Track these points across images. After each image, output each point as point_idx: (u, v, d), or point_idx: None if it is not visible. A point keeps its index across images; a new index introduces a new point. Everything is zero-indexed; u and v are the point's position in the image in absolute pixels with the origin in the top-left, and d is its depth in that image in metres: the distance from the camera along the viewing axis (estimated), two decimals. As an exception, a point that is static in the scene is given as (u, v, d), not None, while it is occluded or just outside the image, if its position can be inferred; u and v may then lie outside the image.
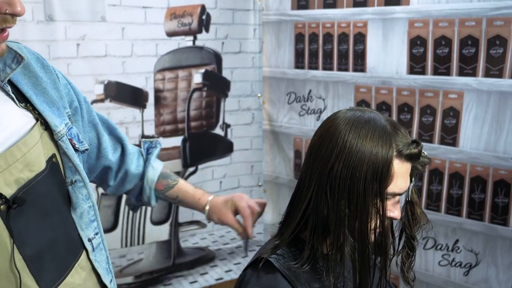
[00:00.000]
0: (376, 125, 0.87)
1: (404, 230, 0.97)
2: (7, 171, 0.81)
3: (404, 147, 0.87)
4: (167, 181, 1.32)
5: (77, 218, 0.97)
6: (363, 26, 2.06)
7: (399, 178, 0.87)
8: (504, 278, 1.86)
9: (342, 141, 0.87)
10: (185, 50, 2.19)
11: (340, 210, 0.86)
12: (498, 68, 1.76)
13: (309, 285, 0.90)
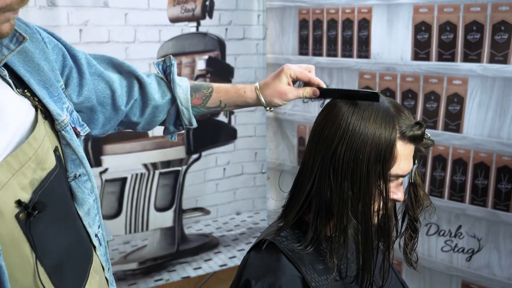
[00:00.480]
0: (379, 107, 0.87)
1: (407, 212, 0.97)
2: (20, 173, 0.71)
3: (407, 128, 0.87)
4: (201, 92, 1.13)
5: (85, 215, 0.88)
6: (368, 12, 2.05)
7: (402, 160, 0.87)
8: (506, 263, 1.87)
9: (345, 123, 0.87)
10: (188, 37, 2.19)
11: (343, 192, 0.86)
12: (503, 54, 1.75)
13: (313, 267, 0.90)
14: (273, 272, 0.89)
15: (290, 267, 0.90)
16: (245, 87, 1.13)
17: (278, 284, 0.88)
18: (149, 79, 1.11)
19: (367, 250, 0.88)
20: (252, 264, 0.93)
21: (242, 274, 0.94)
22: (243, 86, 1.14)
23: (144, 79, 1.09)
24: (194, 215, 2.42)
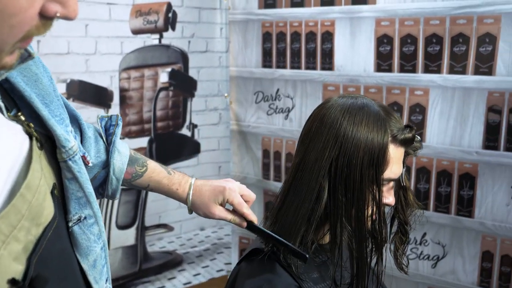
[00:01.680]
0: (370, 110, 0.88)
1: (398, 215, 0.98)
2: (12, 239, 0.55)
3: (399, 132, 0.87)
4: (133, 168, 1.01)
5: (90, 268, 0.72)
6: (331, 25, 2.08)
7: (394, 163, 0.87)
8: (470, 268, 1.92)
9: (337, 128, 0.86)
10: (151, 49, 2.15)
11: (337, 198, 0.85)
12: (462, 65, 1.82)
13: (308, 275, 0.89)
14: (269, 281, 0.86)
15: (286, 275, 0.88)
16: (180, 184, 1.02)
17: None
18: (88, 132, 0.93)
19: (362, 256, 0.87)
20: (246, 274, 0.90)
21: (234, 285, 0.91)
22: (178, 182, 1.03)
23: (85, 129, 0.92)
24: (157, 232, 2.35)
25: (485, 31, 1.76)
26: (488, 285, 1.89)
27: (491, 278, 1.88)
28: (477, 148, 1.83)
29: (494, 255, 1.87)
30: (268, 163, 2.37)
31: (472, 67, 1.80)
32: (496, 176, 1.81)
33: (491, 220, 1.84)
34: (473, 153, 1.84)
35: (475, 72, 1.79)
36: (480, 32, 1.76)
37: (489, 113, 1.80)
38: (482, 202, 1.85)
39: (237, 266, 0.95)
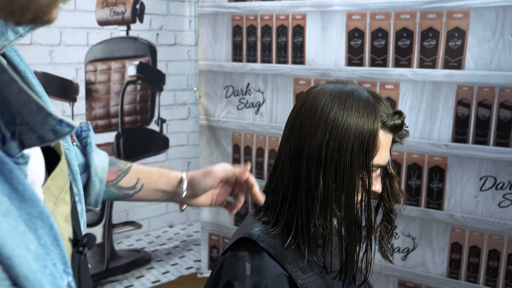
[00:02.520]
0: (359, 96, 0.86)
1: (384, 204, 0.97)
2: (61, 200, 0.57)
3: (388, 118, 0.86)
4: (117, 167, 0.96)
5: None
6: (302, 19, 2.07)
7: (383, 149, 0.86)
8: (439, 260, 1.95)
9: (326, 113, 0.84)
10: (118, 41, 2.08)
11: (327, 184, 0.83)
12: (431, 59, 1.85)
13: (296, 264, 0.86)
14: (258, 271, 0.84)
15: (275, 264, 0.85)
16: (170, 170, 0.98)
17: (264, 284, 0.82)
18: None
19: (351, 243, 0.86)
20: (232, 264, 0.87)
21: (220, 277, 0.88)
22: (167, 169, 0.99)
23: None
24: (124, 229, 2.29)
25: (455, 25, 1.78)
26: (457, 276, 1.92)
27: (459, 269, 1.92)
28: (446, 141, 1.86)
29: (462, 246, 1.90)
30: (238, 158, 2.34)
31: (441, 61, 1.83)
32: (465, 168, 1.85)
33: (460, 212, 1.88)
34: (443, 146, 1.87)
35: (444, 66, 1.82)
36: (450, 26, 1.79)
37: (458, 107, 1.83)
38: (451, 194, 1.88)
39: (222, 256, 0.92)
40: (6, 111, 0.45)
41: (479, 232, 1.87)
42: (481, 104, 1.79)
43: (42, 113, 0.45)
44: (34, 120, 0.45)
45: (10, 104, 0.45)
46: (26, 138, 0.46)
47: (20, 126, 0.46)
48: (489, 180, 1.81)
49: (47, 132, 0.46)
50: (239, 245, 0.89)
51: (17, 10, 0.45)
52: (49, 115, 0.46)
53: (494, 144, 1.78)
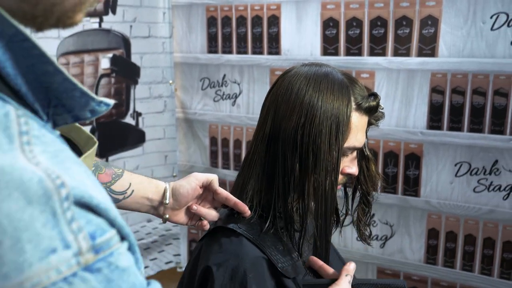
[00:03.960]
0: (334, 78, 0.86)
1: (360, 186, 0.97)
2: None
3: (363, 100, 0.86)
4: (111, 169, 0.96)
5: None
6: (277, 9, 2.07)
7: (359, 131, 0.86)
8: (417, 246, 1.97)
9: (301, 96, 0.84)
10: (90, 33, 2.05)
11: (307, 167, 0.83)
12: (406, 47, 1.86)
13: (275, 247, 0.86)
14: (236, 255, 0.83)
15: (253, 248, 0.84)
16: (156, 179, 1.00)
17: (242, 267, 0.82)
18: None
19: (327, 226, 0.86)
20: (210, 250, 0.86)
21: (198, 263, 0.87)
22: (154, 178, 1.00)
23: None
24: (102, 225, 2.25)
25: (428, 13, 1.80)
26: (434, 261, 1.95)
27: (436, 254, 1.94)
28: (421, 129, 1.88)
29: (439, 232, 1.93)
30: (216, 150, 2.33)
31: (415, 49, 1.84)
32: (440, 155, 1.87)
33: (436, 198, 1.90)
34: (418, 134, 1.89)
35: (418, 54, 1.84)
36: (423, 14, 1.80)
37: (432, 94, 1.84)
38: (427, 181, 1.91)
39: (199, 242, 0.91)
40: (41, 95, 0.46)
41: (455, 218, 1.89)
42: (455, 91, 1.81)
43: (84, 97, 0.47)
44: (74, 104, 0.48)
45: (48, 89, 0.46)
46: (60, 118, 0.48)
47: (55, 108, 0.48)
48: (463, 166, 1.84)
49: (85, 113, 0.48)
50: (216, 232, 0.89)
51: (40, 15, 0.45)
52: (92, 98, 0.48)
53: (468, 130, 1.81)
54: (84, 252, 0.39)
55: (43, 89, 0.46)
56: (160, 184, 0.97)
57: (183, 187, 0.94)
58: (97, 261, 0.40)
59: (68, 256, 0.38)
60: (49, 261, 0.37)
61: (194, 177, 0.95)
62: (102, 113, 0.50)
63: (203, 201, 0.99)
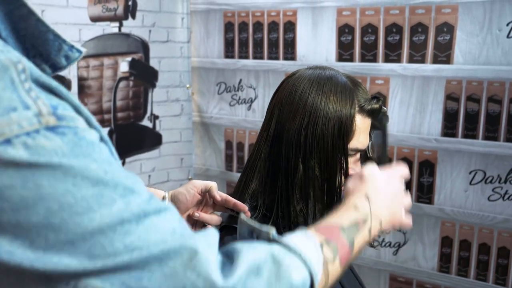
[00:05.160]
0: (337, 81, 0.88)
1: None
2: None
3: (366, 102, 0.88)
4: None
5: None
6: (293, 15, 2.09)
7: (361, 134, 0.88)
8: (430, 254, 1.96)
9: (305, 98, 0.86)
10: (110, 37, 2.10)
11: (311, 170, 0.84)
12: (421, 54, 1.86)
13: None
14: None
15: None
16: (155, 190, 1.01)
17: None
18: None
19: None
20: None
21: None
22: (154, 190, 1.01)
23: None
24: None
25: (443, 20, 1.79)
26: (448, 270, 1.93)
27: (450, 263, 1.93)
28: (436, 136, 1.87)
29: (453, 240, 1.91)
30: (231, 154, 2.35)
31: (431, 56, 1.84)
32: (454, 162, 1.86)
33: (450, 206, 1.88)
34: (432, 141, 1.88)
35: (433, 61, 1.83)
36: (438, 21, 1.80)
37: (447, 101, 1.84)
38: (441, 188, 1.89)
39: None
40: (20, 46, 0.50)
41: (469, 226, 1.87)
42: (470, 98, 1.80)
43: (57, 40, 0.50)
44: (50, 48, 0.50)
45: (25, 38, 0.50)
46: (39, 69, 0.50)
47: (34, 59, 0.51)
48: (478, 174, 1.82)
49: (60, 59, 0.51)
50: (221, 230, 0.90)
51: None
52: (63, 41, 0.51)
53: (483, 138, 1.79)
54: (44, 114, 0.42)
55: (21, 38, 0.49)
56: (158, 192, 0.99)
57: (182, 194, 0.96)
58: (61, 126, 0.43)
59: (28, 115, 0.41)
60: (10, 117, 0.41)
61: (192, 184, 0.97)
62: (76, 59, 0.53)
63: (204, 207, 1.00)
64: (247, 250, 0.52)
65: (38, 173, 0.41)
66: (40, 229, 0.41)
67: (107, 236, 0.42)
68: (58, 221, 0.41)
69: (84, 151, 0.44)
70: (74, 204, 0.41)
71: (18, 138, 0.41)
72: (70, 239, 0.41)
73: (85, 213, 0.42)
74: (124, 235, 0.43)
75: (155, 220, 0.46)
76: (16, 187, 0.40)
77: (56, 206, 0.41)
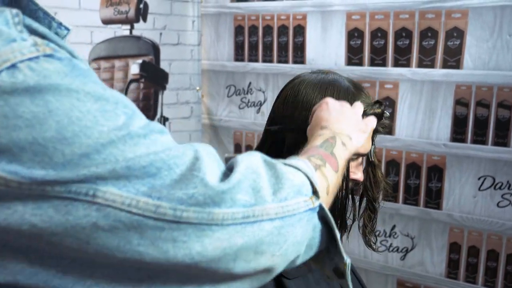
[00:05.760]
0: (340, 85, 0.88)
1: (366, 192, 0.98)
2: None
3: (368, 107, 0.88)
4: None
5: None
6: (303, 19, 2.09)
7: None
8: (438, 260, 1.95)
9: (308, 103, 0.86)
10: (121, 39, 2.12)
11: None
12: (430, 58, 1.85)
13: None
14: None
15: None
16: None
17: None
18: None
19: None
20: None
21: None
22: None
23: None
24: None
25: (453, 25, 1.79)
26: (456, 276, 1.92)
27: (458, 269, 1.91)
28: (445, 141, 1.86)
29: (461, 246, 1.90)
30: (239, 157, 2.36)
31: (440, 60, 1.83)
32: (463, 168, 1.85)
33: (459, 211, 1.87)
34: (441, 146, 1.87)
35: (443, 66, 1.83)
36: (448, 26, 1.80)
37: (457, 106, 1.83)
38: (449, 194, 1.88)
39: None
40: None
41: (478, 232, 1.86)
42: (480, 104, 1.79)
43: (47, 17, 0.55)
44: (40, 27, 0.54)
45: None
46: None
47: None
48: (487, 179, 1.81)
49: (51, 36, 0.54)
50: None
51: None
52: (53, 18, 0.55)
53: (492, 144, 1.78)
54: (40, 44, 0.47)
55: None
56: None
57: None
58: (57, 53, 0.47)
59: (27, 44, 0.46)
60: (12, 46, 0.45)
61: None
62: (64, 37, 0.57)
63: None
64: (242, 157, 0.55)
65: (45, 90, 0.44)
66: (55, 144, 0.44)
67: (118, 148, 0.46)
68: (70, 135, 0.44)
69: (82, 73, 0.48)
70: (81, 117, 0.45)
71: (23, 63, 0.45)
72: (85, 152, 0.44)
73: (94, 126, 0.45)
74: (134, 146, 0.46)
75: (159, 137, 0.49)
76: (27, 105, 0.43)
77: (66, 119, 0.44)
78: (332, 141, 0.70)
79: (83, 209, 0.45)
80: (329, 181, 0.63)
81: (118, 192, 0.45)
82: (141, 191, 0.46)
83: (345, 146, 0.71)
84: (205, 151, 0.51)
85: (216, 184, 0.49)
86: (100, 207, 0.45)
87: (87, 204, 0.45)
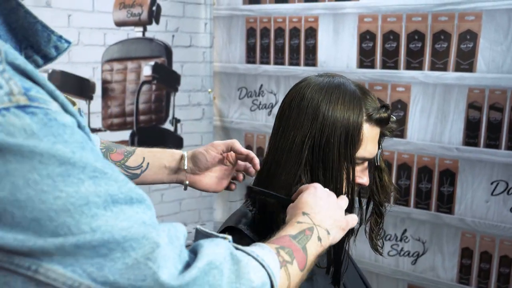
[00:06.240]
0: (346, 89, 0.87)
1: (372, 197, 0.97)
2: None
3: (374, 111, 0.87)
4: (123, 148, 1.00)
5: None
6: (314, 21, 2.09)
7: (369, 143, 0.87)
8: (449, 265, 1.92)
9: (314, 106, 0.85)
10: (134, 41, 2.14)
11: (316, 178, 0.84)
12: (443, 61, 1.84)
13: None
14: None
15: None
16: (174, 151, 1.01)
17: None
18: None
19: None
20: None
21: None
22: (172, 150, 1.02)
23: None
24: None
25: (466, 28, 1.77)
26: (467, 282, 1.90)
27: (470, 274, 1.89)
28: (457, 145, 1.84)
29: (473, 251, 1.88)
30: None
31: (453, 63, 1.81)
32: (476, 172, 1.82)
33: (471, 216, 1.85)
34: (454, 150, 1.85)
35: (456, 69, 1.81)
36: (461, 29, 1.78)
37: (469, 110, 1.81)
38: (462, 198, 1.86)
39: None
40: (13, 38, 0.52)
41: (490, 238, 1.84)
42: (493, 107, 1.77)
43: (46, 31, 0.53)
44: (39, 40, 0.53)
45: (16, 30, 0.52)
46: (31, 60, 0.53)
47: (26, 50, 0.53)
48: (500, 184, 1.79)
49: (50, 50, 0.53)
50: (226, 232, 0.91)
51: None
52: (52, 32, 0.53)
53: (506, 148, 1.76)
54: (15, 93, 0.44)
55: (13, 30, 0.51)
56: (175, 152, 1.00)
57: (202, 154, 0.96)
58: (31, 106, 0.44)
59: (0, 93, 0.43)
60: None
61: (212, 145, 0.97)
62: (65, 50, 0.55)
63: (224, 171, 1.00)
64: (209, 246, 0.53)
65: (6, 150, 0.42)
66: (6, 205, 0.42)
67: (74, 218, 0.43)
68: (24, 198, 0.42)
69: (54, 131, 0.44)
70: (39, 181, 0.42)
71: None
72: (36, 217, 0.42)
73: (50, 191, 0.42)
74: (91, 217, 0.44)
75: (124, 208, 0.46)
76: None
77: (22, 182, 0.42)
78: (309, 234, 0.70)
79: (22, 282, 0.43)
80: (291, 281, 0.63)
81: (62, 271, 0.43)
82: (88, 272, 0.44)
83: (320, 241, 0.71)
84: (167, 238, 0.48)
85: (166, 281, 0.46)
86: (39, 284, 0.43)
87: (27, 278, 0.43)
